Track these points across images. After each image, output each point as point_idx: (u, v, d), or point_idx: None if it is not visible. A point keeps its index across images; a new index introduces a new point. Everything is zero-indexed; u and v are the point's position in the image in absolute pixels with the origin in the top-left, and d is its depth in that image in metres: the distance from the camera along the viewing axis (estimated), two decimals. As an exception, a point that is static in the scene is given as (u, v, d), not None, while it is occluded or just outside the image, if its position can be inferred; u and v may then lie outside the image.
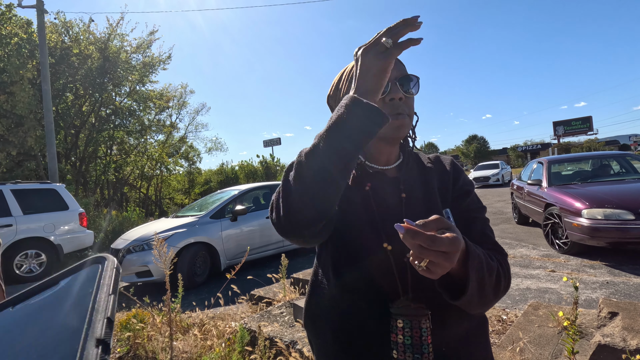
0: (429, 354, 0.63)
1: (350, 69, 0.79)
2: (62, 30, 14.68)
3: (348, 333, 0.73)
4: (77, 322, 0.31)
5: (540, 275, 4.08)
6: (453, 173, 0.82)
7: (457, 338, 0.72)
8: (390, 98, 0.74)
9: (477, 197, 0.82)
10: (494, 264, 0.66)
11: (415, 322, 0.64)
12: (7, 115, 11.45)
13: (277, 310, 2.64)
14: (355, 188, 0.79)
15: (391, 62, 0.58)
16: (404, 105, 0.76)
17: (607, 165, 6.24)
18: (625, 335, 2.02)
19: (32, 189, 6.27)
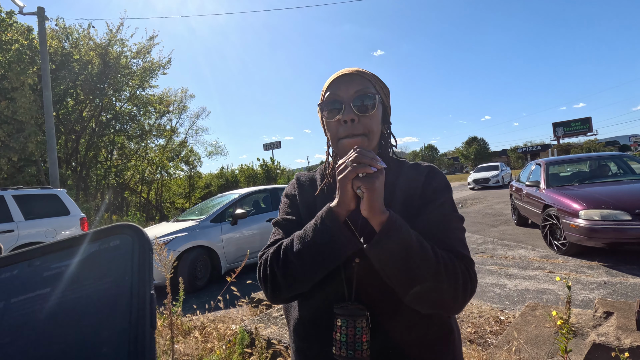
0: (362, 351, 0.68)
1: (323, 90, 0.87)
2: (63, 36, 14.79)
3: (304, 331, 0.80)
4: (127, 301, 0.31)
5: (539, 276, 4.11)
6: (425, 180, 0.82)
7: (409, 345, 0.73)
8: (344, 120, 0.79)
9: (449, 205, 0.80)
10: (428, 246, 0.66)
11: (351, 321, 0.69)
12: (8, 121, 11.52)
13: (276, 312, 2.67)
14: (326, 195, 0.86)
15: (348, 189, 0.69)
16: (359, 125, 0.80)
17: (604, 166, 6.28)
18: (619, 335, 2.04)
19: (34, 195, 6.31)
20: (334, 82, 0.83)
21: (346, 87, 0.81)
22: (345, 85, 0.81)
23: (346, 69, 0.85)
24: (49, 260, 0.34)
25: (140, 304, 0.31)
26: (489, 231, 7.05)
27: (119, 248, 0.34)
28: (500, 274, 4.34)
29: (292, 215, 0.88)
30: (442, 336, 0.76)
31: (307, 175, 0.96)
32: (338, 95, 0.81)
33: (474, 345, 2.48)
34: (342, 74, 0.83)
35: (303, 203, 0.89)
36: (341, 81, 0.82)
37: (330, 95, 0.82)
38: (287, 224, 0.85)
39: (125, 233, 0.35)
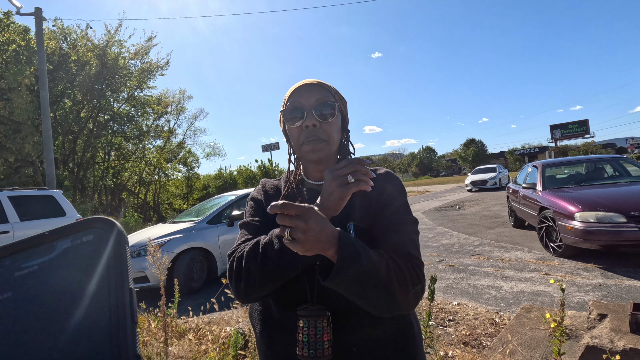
0: (323, 350, 0.71)
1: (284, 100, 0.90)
2: (60, 37, 14.76)
3: (269, 333, 0.83)
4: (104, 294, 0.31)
5: (535, 278, 4.11)
6: (381, 185, 0.85)
7: (372, 341, 0.76)
8: (306, 125, 0.83)
9: (403, 209, 0.84)
10: (382, 260, 0.67)
11: (312, 321, 0.72)
12: (4, 121, 11.48)
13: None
14: (291, 200, 0.86)
15: (349, 194, 0.70)
16: (320, 131, 0.84)
17: (600, 168, 6.30)
18: (613, 337, 2.05)
19: (30, 196, 6.28)
20: (296, 91, 0.87)
21: (308, 95, 0.85)
22: (307, 94, 0.85)
23: (308, 79, 0.89)
24: (20, 259, 0.33)
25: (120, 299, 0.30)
26: (486, 233, 7.06)
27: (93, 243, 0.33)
28: (496, 276, 4.34)
29: (258, 216, 0.90)
30: (403, 331, 0.81)
31: (272, 182, 0.99)
32: (300, 103, 0.85)
33: (468, 348, 2.48)
34: (303, 84, 0.87)
35: (266, 202, 0.92)
36: (303, 90, 0.86)
37: (292, 103, 0.86)
38: (254, 225, 0.88)
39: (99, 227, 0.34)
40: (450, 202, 14.37)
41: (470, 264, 5.01)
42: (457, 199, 15.14)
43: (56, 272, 0.33)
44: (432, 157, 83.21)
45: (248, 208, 0.95)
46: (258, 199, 0.95)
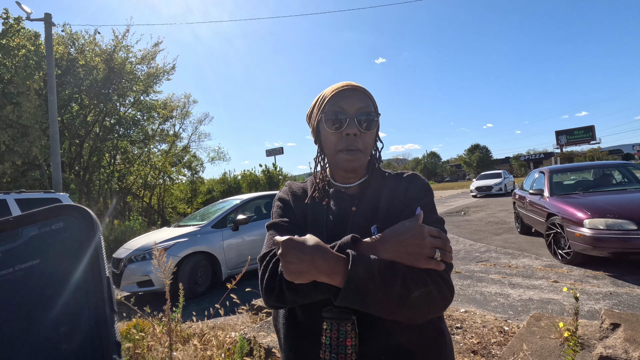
0: (346, 355, 0.69)
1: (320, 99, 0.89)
2: (69, 42, 14.96)
3: (293, 337, 0.82)
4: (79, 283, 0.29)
5: (543, 286, 4.05)
6: (407, 186, 0.86)
7: (401, 350, 0.74)
8: (346, 133, 0.81)
9: (428, 208, 0.82)
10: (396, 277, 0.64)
11: (335, 324, 0.70)
12: (13, 125, 11.60)
13: (277, 320, 2.63)
14: (317, 203, 0.90)
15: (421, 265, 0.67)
16: (359, 140, 0.83)
17: (609, 174, 6.23)
18: (627, 347, 2.00)
19: (36, 199, 6.32)
20: (339, 94, 0.84)
21: (351, 101, 0.82)
22: (350, 100, 0.83)
23: (350, 82, 0.86)
24: None
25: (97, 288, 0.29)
26: (492, 239, 6.98)
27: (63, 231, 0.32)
28: (504, 283, 4.28)
29: (287, 217, 0.88)
30: (434, 340, 0.78)
31: (299, 184, 0.98)
32: (342, 108, 0.82)
33: (477, 357, 2.43)
34: (346, 87, 0.84)
35: (296, 208, 0.91)
36: (345, 94, 0.83)
37: (334, 107, 0.83)
38: (283, 226, 0.86)
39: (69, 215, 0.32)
40: (455, 207, 14.28)
41: (476, 270, 4.95)
42: (462, 205, 15.04)
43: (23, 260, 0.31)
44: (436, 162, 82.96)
45: (275, 209, 0.93)
46: (286, 200, 0.93)
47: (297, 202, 0.92)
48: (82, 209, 0.33)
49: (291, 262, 0.63)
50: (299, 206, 0.91)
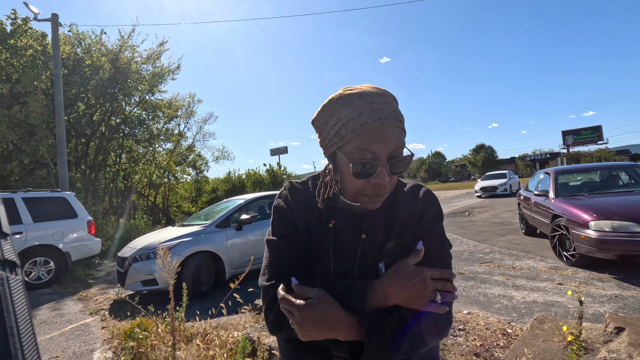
0: None
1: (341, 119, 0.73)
2: (75, 42, 15.09)
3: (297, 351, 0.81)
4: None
5: (547, 288, 4.02)
6: (420, 210, 0.82)
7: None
8: (376, 182, 0.71)
9: (440, 235, 0.82)
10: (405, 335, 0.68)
11: None
12: (20, 124, 11.73)
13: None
14: (322, 222, 0.82)
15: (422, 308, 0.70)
16: (388, 185, 0.73)
17: (615, 176, 6.16)
18: (631, 352, 1.98)
19: (43, 197, 6.39)
20: (369, 133, 0.69)
21: (385, 142, 0.69)
22: (384, 139, 0.69)
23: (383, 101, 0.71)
24: None
25: None
26: (496, 240, 6.95)
27: None
28: (508, 285, 4.26)
29: (290, 238, 0.83)
30: None
31: (300, 192, 0.87)
32: (374, 153, 0.69)
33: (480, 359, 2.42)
34: (380, 120, 0.69)
35: (300, 223, 0.84)
36: (378, 134, 0.69)
37: (362, 151, 0.69)
38: (286, 251, 0.82)
39: None
40: (459, 208, 14.21)
41: (480, 272, 4.92)
42: (467, 205, 14.96)
43: None
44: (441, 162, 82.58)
45: (275, 222, 0.86)
46: (287, 213, 0.85)
47: (301, 215, 0.84)
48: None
49: (308, 330, 0.65)
50: (303, 220, 0.84)
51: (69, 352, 3.35)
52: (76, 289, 6.00)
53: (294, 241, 0.82)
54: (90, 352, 3.30)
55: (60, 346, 3.53)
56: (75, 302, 5.23)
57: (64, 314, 4.64)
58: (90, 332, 3.86)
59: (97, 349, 3.35)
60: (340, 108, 0.73)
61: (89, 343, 3.54)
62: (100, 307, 4.83)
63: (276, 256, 0.81)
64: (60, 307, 5.01)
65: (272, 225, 0.87)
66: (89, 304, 5.07)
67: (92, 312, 4.62)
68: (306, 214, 0.84)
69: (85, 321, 4.29)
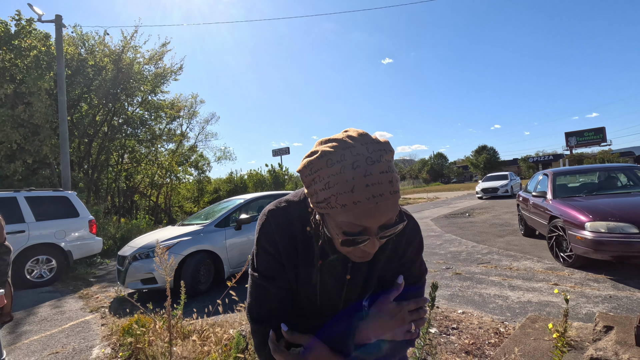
0: None
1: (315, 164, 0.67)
2: (79, 43, 15.22)
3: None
4: None
5: (543, 289, 4.04)
6: (405, 244, 0.87)
7: None
8: (364, 249, 0.69)
9: (420, 264, 0.90)
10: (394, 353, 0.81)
11: None
12: (24, 124, 11.86)
13: (274, 318, 2.69)
14: (310, 261, 0.81)
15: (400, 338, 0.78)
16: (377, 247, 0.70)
17: (614, 177, 6.17)
18: (617, 349, 2.01)
19: (45, 197, 6.47)
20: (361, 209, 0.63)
21: (378, 219, 0.65)
22: (377, 214, 0.64)
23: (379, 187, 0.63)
24: None
25: None
26: (495, 241, 6.96)
27: None
28: (504, 285, 4.29)
29: (276, 277, 0.81)
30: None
31: (284, 224, 0.80)
32: (364, 227, 0.66)
33: (469, 357, 2.46)
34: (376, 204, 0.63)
35: (287, 261, 0.82)
36: (373, 211, 0.64)
37: (352, 225, 0.65)
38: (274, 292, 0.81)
39: None
40: (460, 209, 14.22)
41: (477, 272, 4.95)
42: (467, 207, 14.96)
43: None
44: (443, 163, 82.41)
45: (260, 258, 0.82)
46: (273, 251, 0.81)
47: (286, 248, 0.81)
48: None
49: None
50: (288, 254, 0.81)
51: (69, 348, 3.41)
52: (77, 287, 6.07)
53: (281, 282, 0.81)
54: (90, 348, 3.36)
55: (60, 342, 3.59)
56: (76, 299, 5.30)
57: (65, 312, 4.71)
58: (90, 329, 3.92)
59: (97, 345, 3.40)
60: (328, 168, 0.65)
61: (88, 340, 3.60)
62: (101, 305, 4.89)
63: (263, 296, 0.80)
64: (61, 304, 5.08)
65: (256, 259, 0.83)
66: (90, 301, 5.14)
67: (93, 310, 4.68)
68: (291, 246, 0.81)
69: (86, 318, 4.35)
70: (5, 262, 4.23)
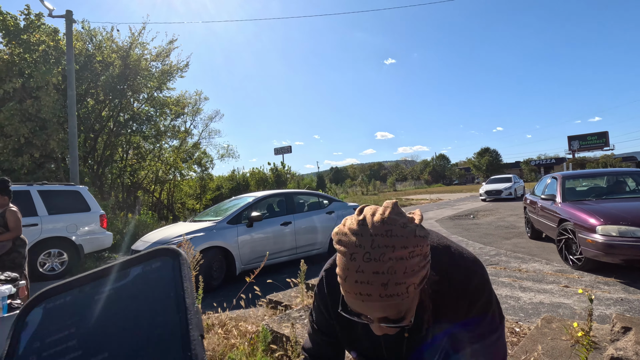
0: None
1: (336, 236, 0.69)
2: (87, 38, 15.28)
3: None
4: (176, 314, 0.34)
5: (554, 290, 4.09)
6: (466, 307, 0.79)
7: None
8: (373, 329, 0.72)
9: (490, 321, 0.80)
10: None
11: None
12: (32, 118, 11.92)
13: (296, 313, 2.74)
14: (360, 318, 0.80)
15: None
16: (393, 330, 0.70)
17: (622, 182, 6.21)
18: (638, 350, 2.06)
19: (57, 190, 6.53)
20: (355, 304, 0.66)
21: (369, 313, 0.67)
22: (367, 312, 0.67)
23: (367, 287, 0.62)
24: (98, 285, 0.38)
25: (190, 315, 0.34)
26: (502, 243, 7.01)
27: (161, 269, 0.38)
28: (515, 286, 4.33)
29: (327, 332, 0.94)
30: None
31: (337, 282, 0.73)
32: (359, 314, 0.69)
33: (490, 354, 2.50)
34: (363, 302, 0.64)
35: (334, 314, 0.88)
36: (362, 307, 0.66)
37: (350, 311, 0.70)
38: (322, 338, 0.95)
39: (165, 255, 0.39)
40: (464, 211, 14.26)
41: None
42: (471, 208, 15.01)
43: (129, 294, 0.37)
44: (445, 165, 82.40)
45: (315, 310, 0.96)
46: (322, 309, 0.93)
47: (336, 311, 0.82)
48: (175, 250, 0.39)
49: None
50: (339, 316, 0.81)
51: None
52: (88, 281, 6.11)
53: (326, 336, 0.93)
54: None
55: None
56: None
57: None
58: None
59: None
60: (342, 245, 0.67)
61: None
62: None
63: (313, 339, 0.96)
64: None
65: (313, 309, 0.96)
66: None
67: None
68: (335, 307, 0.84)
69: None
70: (20, 254, 4.29)
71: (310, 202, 6.69)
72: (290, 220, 5.93)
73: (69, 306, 0.37)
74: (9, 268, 4.16)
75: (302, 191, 6.98)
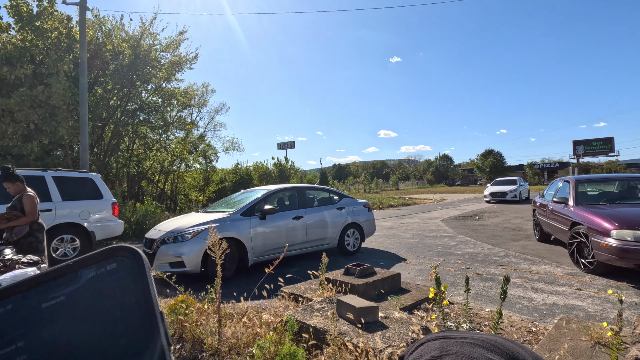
0: None
1: None
2: (97, 27, 15.27)
3: None
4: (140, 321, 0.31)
5: (567, 293, 4.12)
6: None
7: None
8: None
9: None
10: None
11: None
12: (42, 105, 11.97)
13: (318, 305, 2.77)
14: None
15: None
16: None
17: (634, 187, 6.21)
18: (663, 352, 2.09)
19: (71, 177, 6.58)
20: None
21: None
22: None
23: None
24: (44, 290, 0.33)
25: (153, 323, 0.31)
26: (510, 245, 7.03)
27: (117, 271, 0.33)
28: (527, 287, 4.36)
29: None
30: None
31: None
32: None
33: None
34: None
35: None
36: None
37: None
38: None
39: (121, 255, 0.34)
40: (469, 211, 14.27)
41: (497, 273, 5.02)
42: (476, 209, 15.01)
43: (83, 301, 0.32)
44: (448, 165, 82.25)
45: None
46: None
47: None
48: (133, 250, 0.35)
49: None
50: None
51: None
52: (99, 267, 6.18)
53: None
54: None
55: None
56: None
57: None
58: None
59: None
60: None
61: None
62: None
63: None
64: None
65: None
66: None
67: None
68: None
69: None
70: (37, 239, 4.33)
71: (321, 197, 6.72)
72: (302, 214, 5.96)
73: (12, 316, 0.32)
74: (26, 252, 4.21)
75: (313, 186, 7.01)
